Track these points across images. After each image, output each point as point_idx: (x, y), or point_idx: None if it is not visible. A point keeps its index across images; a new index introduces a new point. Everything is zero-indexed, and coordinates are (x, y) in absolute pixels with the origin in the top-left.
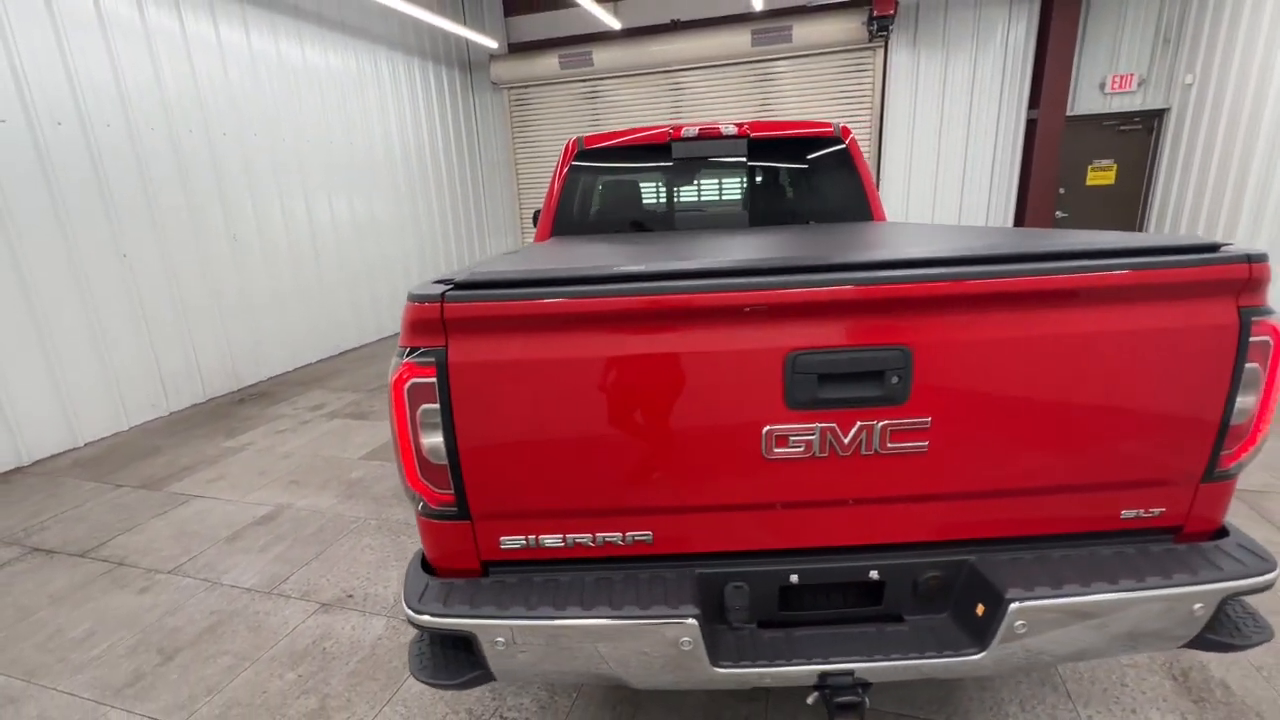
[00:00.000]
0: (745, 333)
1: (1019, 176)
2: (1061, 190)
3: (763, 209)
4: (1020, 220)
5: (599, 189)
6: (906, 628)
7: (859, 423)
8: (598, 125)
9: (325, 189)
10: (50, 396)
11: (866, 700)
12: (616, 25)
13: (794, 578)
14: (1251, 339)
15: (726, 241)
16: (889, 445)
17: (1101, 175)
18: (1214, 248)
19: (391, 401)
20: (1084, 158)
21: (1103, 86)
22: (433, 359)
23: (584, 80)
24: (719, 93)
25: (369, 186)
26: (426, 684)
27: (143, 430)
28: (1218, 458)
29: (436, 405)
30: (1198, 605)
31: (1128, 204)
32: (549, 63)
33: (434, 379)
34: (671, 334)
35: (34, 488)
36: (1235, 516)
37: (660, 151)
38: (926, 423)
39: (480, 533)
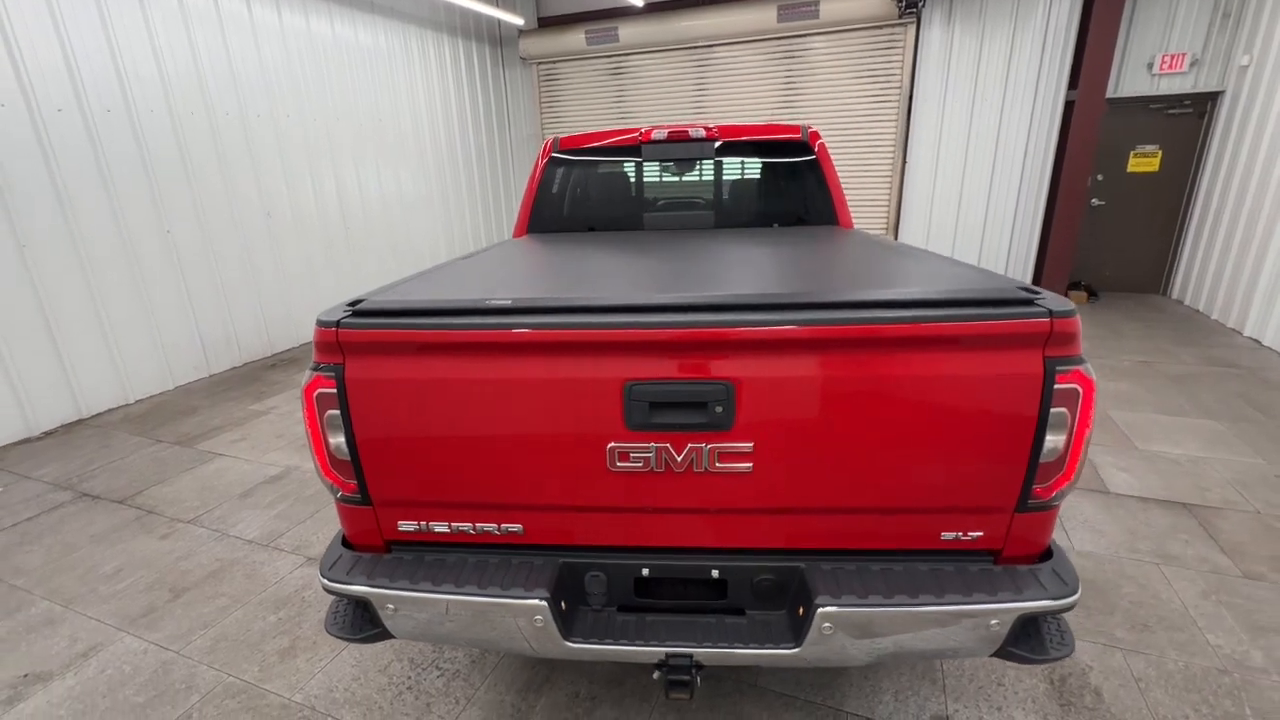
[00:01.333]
0: (588, 363)
1: (1053, 161)
2: (1099, 177)
3: (729, 211)
4: (1051, 208)
5: (573, 188)
6: (745, 621)
7: (689, 444)
8: (623, 101)
9: (355, 165)
10: (106, 358)
11: (697, 680)
12: (639, 1)
13: (645, 571)
14: (1057, 386)
15: (646, 259)
16: (717, 465)
17: (1145, 162)
18: (1028, 301)
19: (304, 406)
20: (1126, 143)
21: (1151, 67)
22: (334, 374)
23: (610, 56)
24: (744, 69)
25: (397, 162)
26: (336, 637)
27: (185, 390)
28: (1030, 490)
29: (338, 411)
30: (994, 621)
31: (1171, 193)
32: (576, 38)
33: (335, 390)
34: (522, 361)
35: (89, 439)
36: (1183, 533)
37: (632, 153)
38: (749, 447)
39: (381, 517)
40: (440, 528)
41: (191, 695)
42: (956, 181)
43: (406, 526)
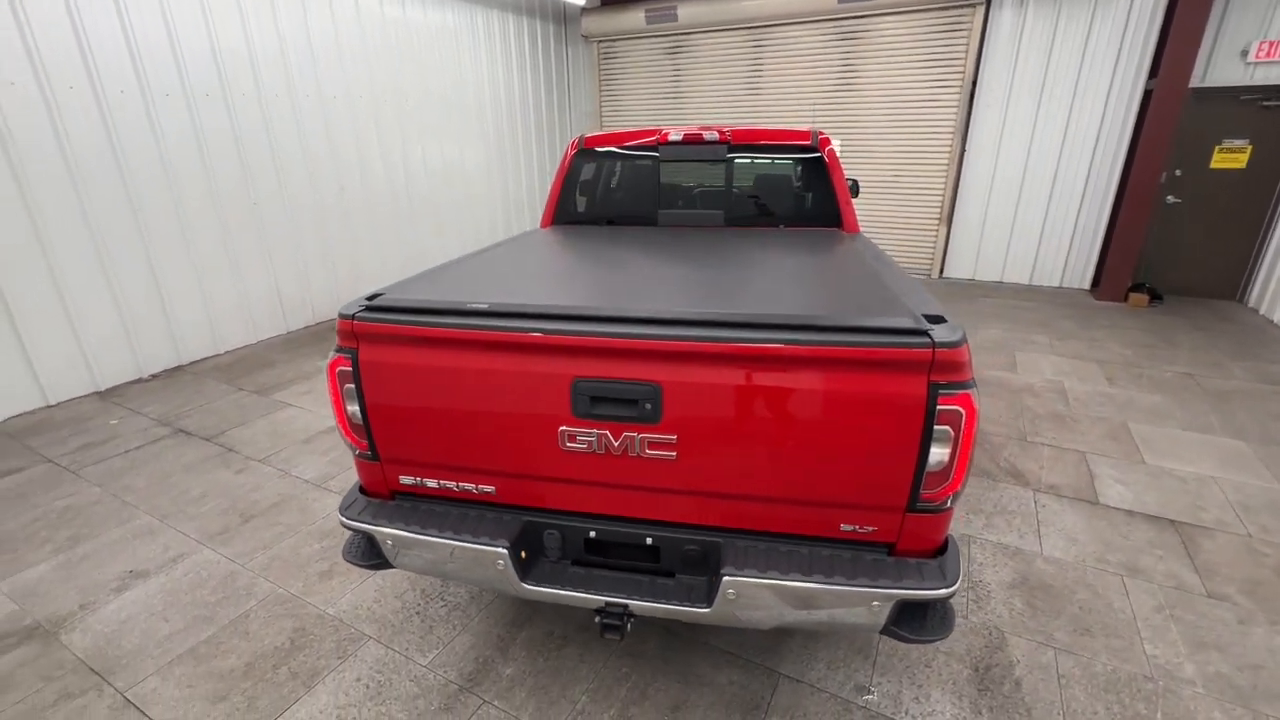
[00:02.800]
0: (543, 360)
1: (1125, 154)
2: (1177, 173)
3: (738, 211)
4: (1119, 203)
5: (594, 185)
6: (673, 583)
7: (625, 433)
8: (678, 80)
9: (420, 141)
10: (202, 313)
11: (628, 626)
12: None
13: (592, 533)
14: (940, 407)
15: (633, 265)
16: (647, 451)
17: (1231, 158)
18: (918, 331)
19: (329, 380)
20: (1211, 136)
21: (1245, 54)
22: (350, 356)
23: (668, 35)
24: (800, 51)
25: (461, 138)
26: (348, 562)
27: (265, 345)
28: (918, 494)
29: (354, 386)
30: (875, 603)
31: (1258, 193)
32: (636, 17)
33: (351, 369)
34: (492, 355)
35: (186, 384)
36: (1160, 549)
37: (650, 154)
38: (674, 439)
39: (386, 471)
40: (431, 483)
41: (250, 600)
42: (1018, 173)
43: (406, 480)
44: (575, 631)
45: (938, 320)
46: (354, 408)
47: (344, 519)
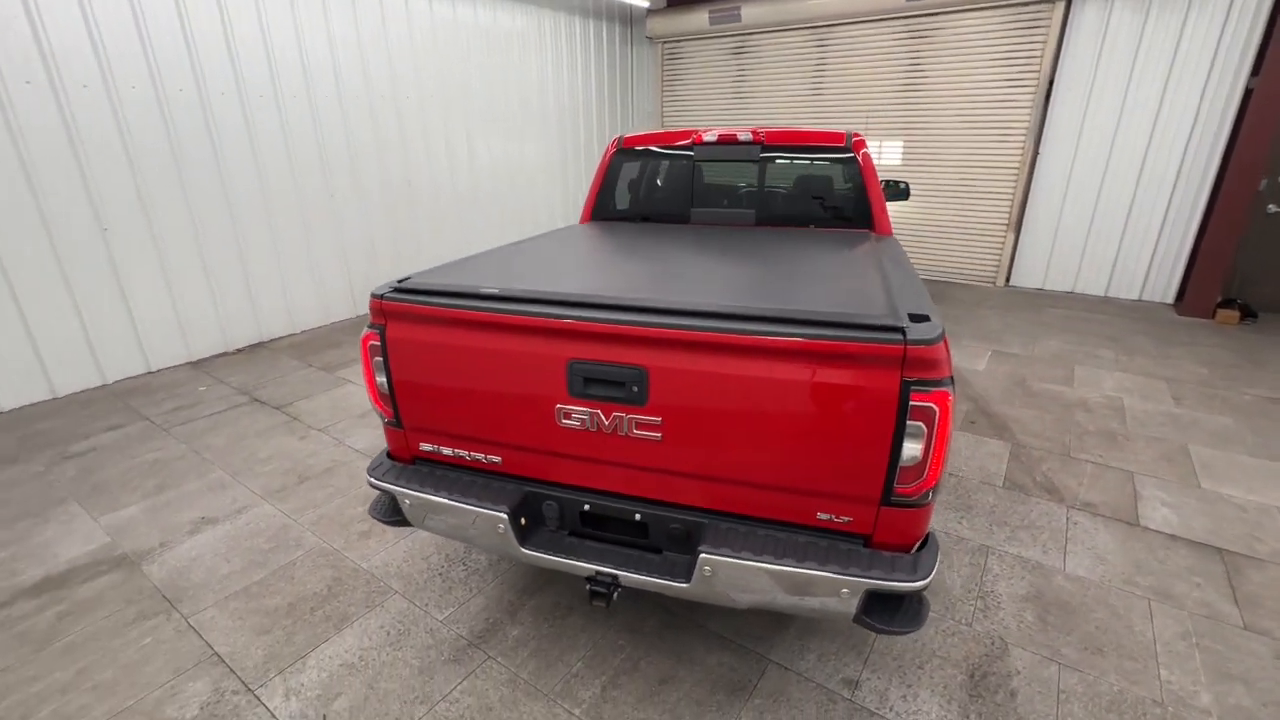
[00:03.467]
0: (542, 342)
1: (1220, 159)
2: None
3: (769, 211)
4: (1210, 210)
5: (631, 183)
6: (659, 558)
7: (614, 413)
8: (741, 81)
9: (485, 139)
10: (281, 297)
11: (615, 595)
12: None
13: (586, 506)
14: (913, 403)
15: (649, 258)
16: (635, 431)
17: None
18: (896, 328)
19: (361, 353)
20: None
21: None
22: (379, 332)
23: (731, 35)
24: (865, 50)
25: (524, 135)
26: (374, 519)
27: (335, 326)
28: (892, 488)
29: (381, 359)
30: (844, 590)
31: None
32: (700, 18)
33: (380, 343)
34: (498, 335)
35: (264, 359)
36: (1200, 576)
37: (685, 154)
38: (659, 420)
39: (409, 438)
40: (447, 451)
41: (298, 550)
42: (1096, 177)
43: (426, 447)
44: (580, 604)
45: (921, 319)
46: (382, 379)
47: (371, 479)
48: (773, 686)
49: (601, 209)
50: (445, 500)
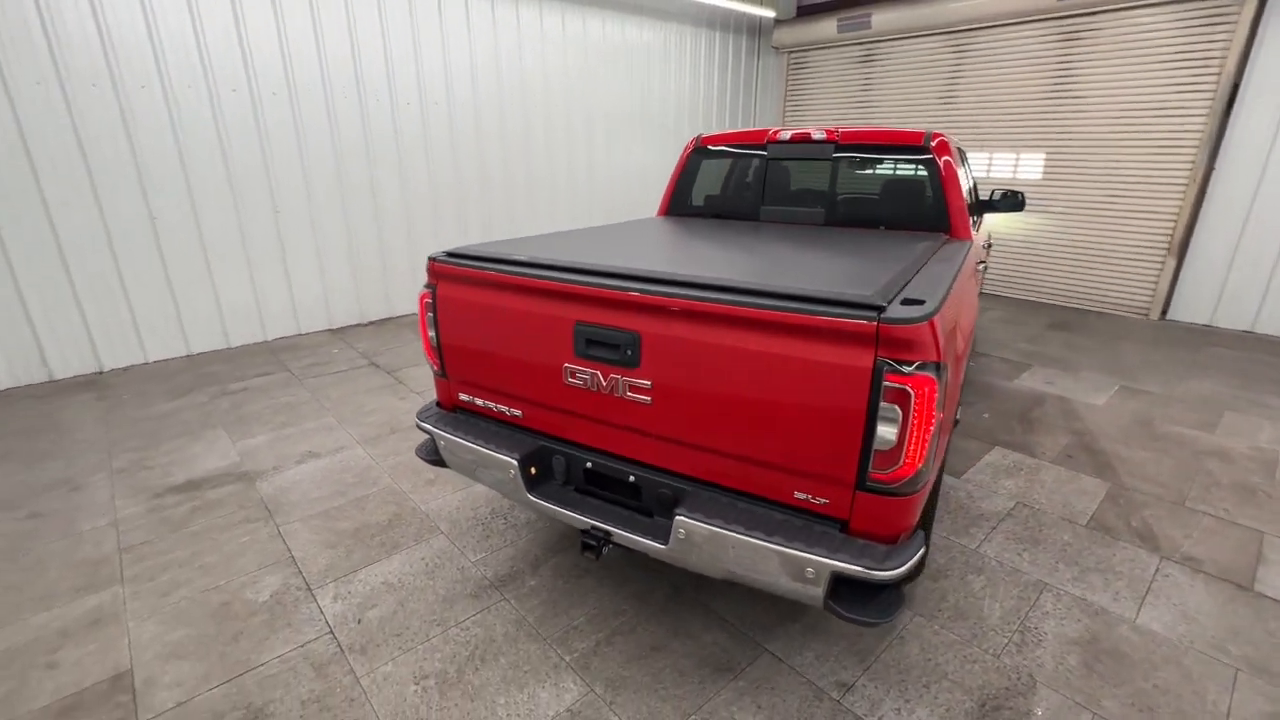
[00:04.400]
0: (554, 304)
1: None
2: None
3: (839, 211)
4: None
5: (706, 180)
6: (649, 520)
7: (611, 374)
8: (867, 90)
9: (607, 148)
10: (409, 279)
11: (605, 549)
12: None
13: (589, 464)
14: (887, 384)
15: (694, 244)
16: (628, 394)
17: None
18: (873, 306)
19: (418, 309)
20: None
21: None
22: (431, 291)
23: (860, 43)
24: (1008, 55)
25: (646, 142)
26: (418, 458)
27: None
28: (867, 473)
29: (432, 315)
30: (809, 570)
31: None
32: (827, 26)
33: (431, 301)
34: (519, 297)
35: (390, 331)
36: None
37: (759, 152)
38: (649, 384)
39: (451, 388)
40: (479, 402)
41: (373, 487)
42: None
43: (464, 397)
44: (595, 568)
45: (916, 303)
46: (432, 333)
47: (417, 421)
48: (761, 674)
49: (676, 205)
50: (469, 443)
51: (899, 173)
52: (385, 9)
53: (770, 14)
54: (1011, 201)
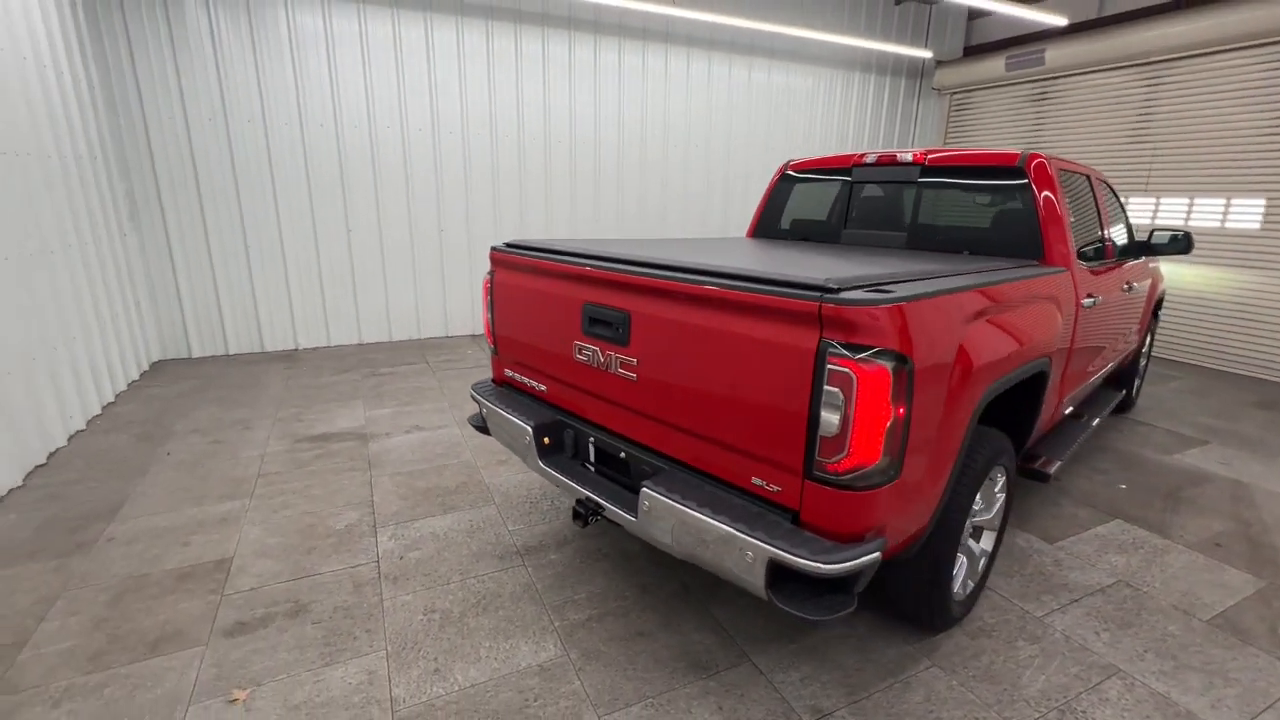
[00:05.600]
0: (570, 286)
1: None
2: None
3: (922, 235)
4: None
5: (793, 203)
6: (632, 495)
7: (608, 351)
8: (1040, 129)
9: (744, 194)
10: None
11: (591, 520)
12: (1061, 23)
13: (593, 439)
14: (830, 367)
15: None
16: (619, 370)
17: None
18: (821, 289)
19: (482, 294)
20: None
21: None
22: (490, 276)
23: (1032, 81)
24: (1217, 86)
25: None
26: (470, 424)
27: None
28: (813, 460)
29: (490, 298)
30: (749, 554)
31: None
32: (994, 65)
33: (489, 285)
34: (545, 281)
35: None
36: None
37: (844, 175)
38: (635, 360)
39: (501, 364)
40: (518, 377)
41: (454, 460)
42: None
43: (508, 373)
44: (612, 552)
45: (880, 290)
46: (489, 315)
47: (471, 393)
48: (736, 680)
49: (763, 227)
50: (501, 411)
51: (989, 195)
52: (550, 70)
53: (928, 54)
54: (1177, 244)
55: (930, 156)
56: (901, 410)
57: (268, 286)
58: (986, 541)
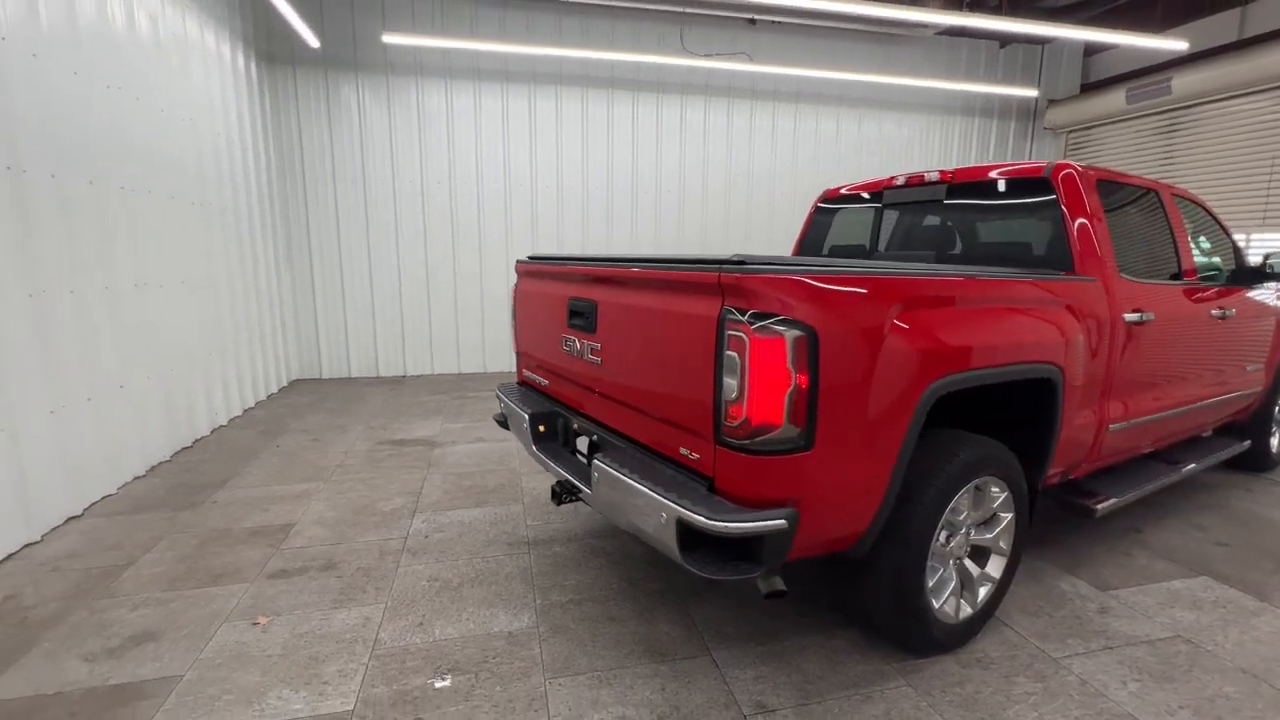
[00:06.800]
0: (560, 285)
1: None
2: None
3: (950, 251)
4: None
5: (830, 228)
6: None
7: (584, 340)
8: (1170, 164)
9: None
10: None
11: (564, 499)
12: (1182, 47)
13: (575, 425)
14: (728, 333)
15: None
16: (589, 356)
17: None
18: (723, 262)
19: (510, 300)
20: None
21: None
22: (516, 285)
23: (1158, 113)
24: None
25: None
26: (495, 421)
27: None
28: (721, 425)
29: (513, 306)
30: (663, 515)
31: None
32: (1114, 99)
33: (515, 294)
34: (546, 283)
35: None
36: None
37: (875, 199)
38: (600, 345)
39: (522, 364)
40: (531, 375)
41: (501, 467)
42: None
43: (525, 372)
44: (610, 547)
45: (789, 266)
46: (514, 322)
47: (495, 392)
48: (689, 669)
49: (805, 253)
50: (510, 402)
51: (1018, 209)
52: (637, 127)
53: (1032, 93)
54: (1260, 273)
55: (957, 173)
56: (804, 379)
57: (385, 321)
58: (994, 567)
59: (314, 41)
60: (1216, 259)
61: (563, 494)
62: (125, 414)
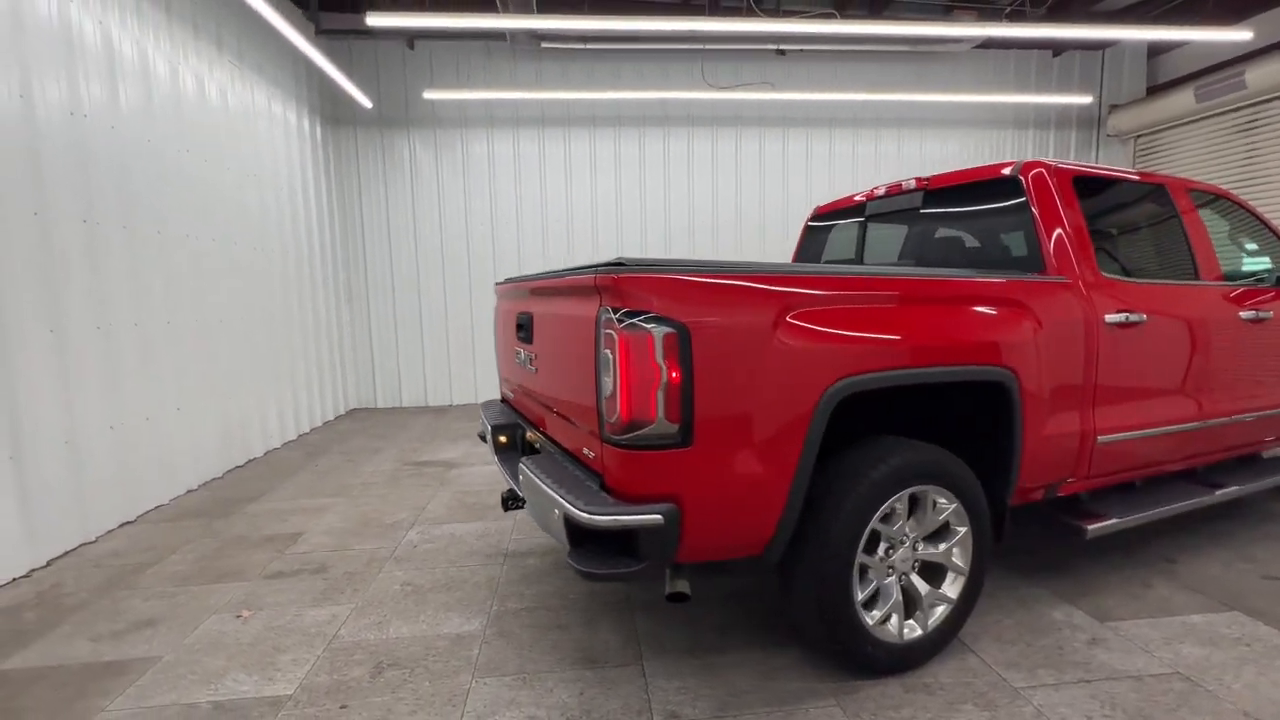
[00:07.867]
0: (516, 302)
1: None
2: None
3: (926, 257)
4: None
5: (820, 243)
6: None
7: (526, 350)
8: (1252, 163)
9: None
10: None
11: (512, 505)
12: (1247, 37)
13: (528, 434)
14: (604, 331)
15: None
16: (529, 366)
17: None
18: (610, 265)
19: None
20: None
21: None
22: (496, 306)
23: (1234, 110)
24: None
25: None
26: (479, 437)
27: None
28: (604, 423)
29: (494, 327)
30: (555, 511)
31: None
32: (1182, 99)
33: (494, 316)
34: (508, 300)
35: None
36: None
37: (859, 212)
38: (535, 354)
39: (501, 386)
40: (504, 392)
41: (505, 487)
42: None
43: (503, 390)
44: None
45: (667, 267)
46: (496, 342)
47: (480, 408)
48: (616, 676)
49: None
50: (483, 416)
51: (992, 213)
52: (691, 162)
53: (1087, 100)
54: None
55: (932, 179)
56: (675, 375)
57: (434, 356)
58: (950, 587)
59: (367, 103)
60: (1264, 260)
61: (509, 501)
62: (182, 434)
